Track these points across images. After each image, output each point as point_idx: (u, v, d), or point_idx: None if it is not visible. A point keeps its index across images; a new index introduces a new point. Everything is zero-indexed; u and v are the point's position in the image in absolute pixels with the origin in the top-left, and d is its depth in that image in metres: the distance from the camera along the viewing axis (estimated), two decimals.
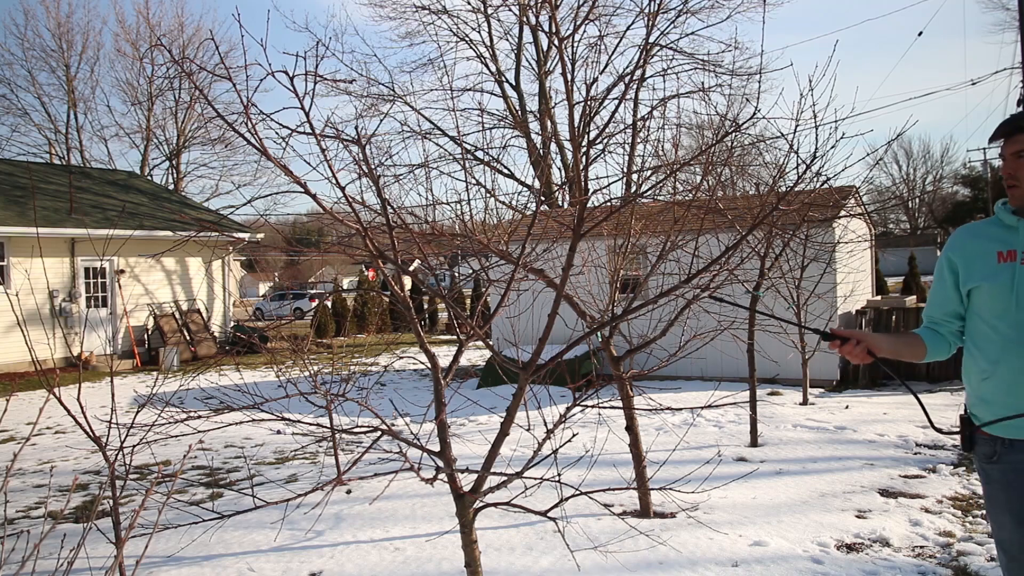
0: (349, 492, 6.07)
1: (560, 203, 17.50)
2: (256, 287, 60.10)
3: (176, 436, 3.58)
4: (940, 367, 11.05)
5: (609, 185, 5.64)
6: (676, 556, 4.50)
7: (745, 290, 7.33)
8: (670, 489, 4.62)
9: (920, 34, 31.85)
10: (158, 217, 18.77)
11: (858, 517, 5.18)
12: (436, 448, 3.35)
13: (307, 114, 2.96)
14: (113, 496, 3.11)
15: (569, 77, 19.43)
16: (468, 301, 21.18)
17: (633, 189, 5.25)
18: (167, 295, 18.42)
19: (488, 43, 23.00)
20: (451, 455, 3.33)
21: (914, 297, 14.93)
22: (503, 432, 3.28)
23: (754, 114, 4.02)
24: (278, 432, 8.68)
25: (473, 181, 4.33)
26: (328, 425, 3.46)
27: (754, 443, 7.36)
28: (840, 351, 2.48)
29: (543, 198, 6.37)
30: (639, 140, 5.40)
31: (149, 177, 29.04)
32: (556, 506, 3.55)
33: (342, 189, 3.13)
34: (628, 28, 24.89)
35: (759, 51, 29.10)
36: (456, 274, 7.79)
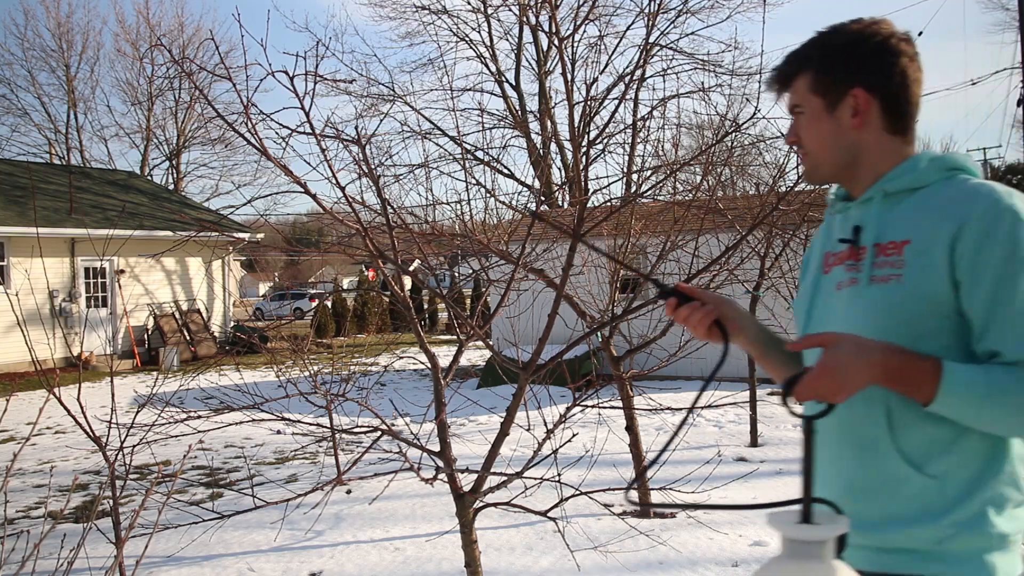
0: (349, 492, 6.07)
1: (560, 203, 17.48)
2: (256, 287, 60.08)
3: (176, 436, 3.57)
4: None
5: (609, 185, 5.65)
6: (676, 556, 4.50)
7: (745, 290, 7.33)
8: (670, 489, 4.62)
9: (920, 34, 31.79)
10: (158, 217, 18.76)
11: None
12: (436, 448, 3.35)
13: (307, 114, 2.96)
14: (113, 496, 3.11)
15: (569, 77, 19.36)
16: (468, 301, 21.17)
17: (633, 189, 5.25)
18: (167, 295, 18.41)
19: (488, 43, 23.01)
20: (451, 455, 3.33)
21: None
22: (503, 432, 3.28)
23: (754, 114, 4.03)
24: (278, 432, 8.67)
25: (473, 181, 4.34)
26: (328, 425, 3.46)
27: (754, 443, 7.36)
28: (674, 316, 1.50)
29: (543, 198, 6.37)
30: (639, 140, 5.39)
31: (149, 177, 29.00)
32: (556, 506, 3.55)
33: (342, 189, 3.13)
34: (628, 28, 24.85)
35: (759, 51, 29.08)
36: (456, 274, 7.79)
